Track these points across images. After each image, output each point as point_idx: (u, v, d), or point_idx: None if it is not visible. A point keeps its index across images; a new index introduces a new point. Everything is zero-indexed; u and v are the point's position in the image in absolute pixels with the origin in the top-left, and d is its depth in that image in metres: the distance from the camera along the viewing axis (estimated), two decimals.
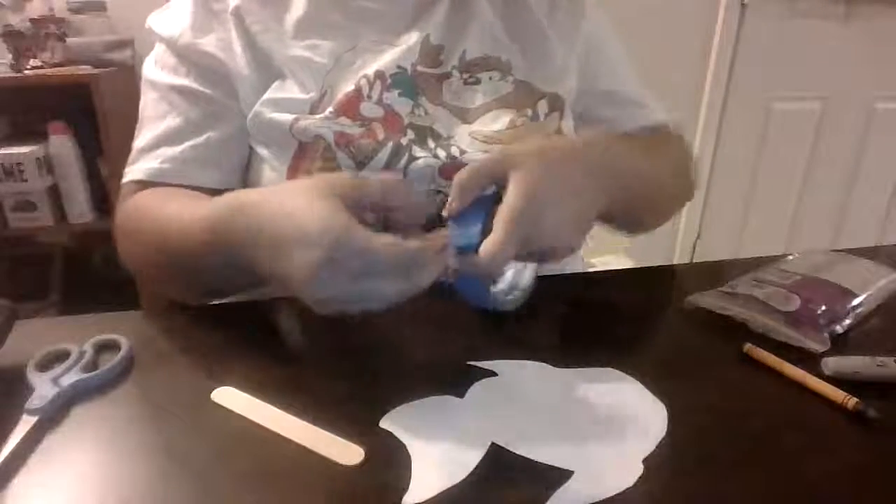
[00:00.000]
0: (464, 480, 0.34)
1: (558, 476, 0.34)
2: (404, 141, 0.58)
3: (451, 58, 0.63)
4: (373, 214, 0.42)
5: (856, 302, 0.52)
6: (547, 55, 0.65)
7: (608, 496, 0.33)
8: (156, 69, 0.62)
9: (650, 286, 0.63)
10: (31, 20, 1.44)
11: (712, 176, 2.09)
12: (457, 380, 0.43)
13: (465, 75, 0.63)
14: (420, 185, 0.58)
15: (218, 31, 0.60)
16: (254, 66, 0.59)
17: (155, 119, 0.61)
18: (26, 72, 1.42)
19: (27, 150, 1.45)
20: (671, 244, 2.14)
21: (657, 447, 0.37)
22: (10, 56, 1.44)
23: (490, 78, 0.63)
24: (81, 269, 1.68)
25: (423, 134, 0.60)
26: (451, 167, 0.58)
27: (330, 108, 0.57)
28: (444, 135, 0.60)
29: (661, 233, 0.75)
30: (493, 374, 0.44)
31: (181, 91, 0.60)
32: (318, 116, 0.57)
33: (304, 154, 0.57)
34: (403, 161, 0.57)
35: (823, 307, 0.51)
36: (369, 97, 0.59)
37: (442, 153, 0.59)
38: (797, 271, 0.57)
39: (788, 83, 2.01)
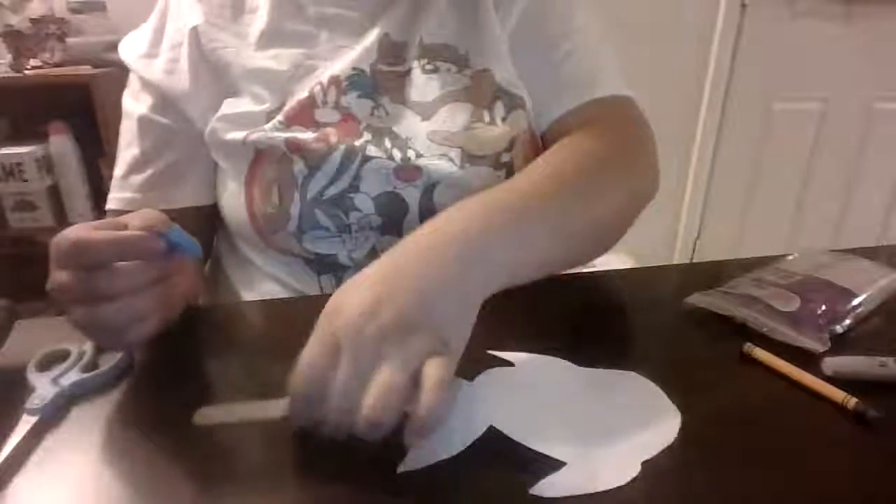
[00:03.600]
0: (457, 458, 0.35)
1: (550, 465, 0.35)
2: (358, 143, 0.58)
3: (411, 50, 0.62)
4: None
5: (856, 302, 0.52)
6: (497, 48, 0.62)
7: (597, 491, 0.33)
8: (126, 97, 0.64)
9: (650, 286, 0.63)
10: (31, 20, 1.45)
11: (712, 176, 2.09)
12: (473, 366, 0.43)
13: (424, 61, 0.61)
14: (376, 187, 0.57)
15: (167, 53, 0.61)
16: (207, 82, 0.60)
17: (123, 149, 0.64)
18: (26, 72, 1.42)
19: (27, 150, 1.46)
20: (671, 244, 2.14)
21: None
22: (10, 56, 1.44)
23: (448, 70, 0.61)
24: None
25: (381, 135, 0.59)
26: (406, 169, 0.58)
27: (280, 118, 0.57)
28: (402, 136, 0.59)
29: (661, 233, 0.74)
30: (511, 364, 0.45)
31: (138, 120, 0.62)
32: (267, 126, 0.57)
33: (261, 162, 0.58)
34: (356, 162, 0.57)
35: (823, 307, 0.51)
36: (324, 103, 0.59)
37: (398, 154, 0.58)
38: (797, 271, 0.57)
39: (788, 83, 2.01)
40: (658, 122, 0.75)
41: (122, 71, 0.65)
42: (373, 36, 0.60)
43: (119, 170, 0.64)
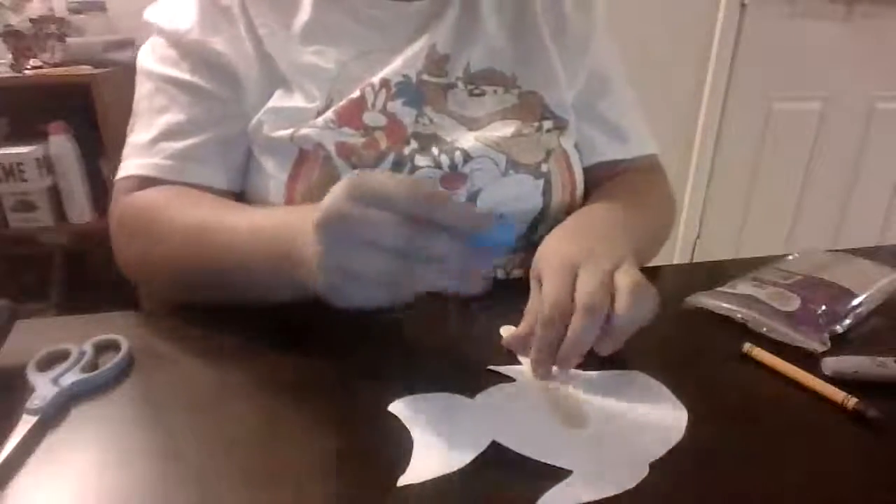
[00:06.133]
0: (461, 471, 0.35)
1: (556, 474, 0.34)
2: (407, 151, 0.58)
3: (455, 68, 0.63)
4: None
5: (856, 302, 0.52)
6: (551, 77, 0.65)
7: (604, 496, 0.33)
8: (153, 60, 0.60)
9: None
10: (31, 20, 1.44)
11: (712, 176, 2.09)
12: (474, 384, 0.43)
13: (471, 86, 0.63)
14: None
15: (227, 30, 0.58)
16: (262, 69, 0.58)
17: (153, 113, 0.59)
18: (26, 72, 1.42)
19: (27, 150, 1.45)
20: (671, 244, 2.14)
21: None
22: (10, 56, 1.44)
23: (495, 91, 0.63)
24: (81, 269, 1.68)
25: (427, 142, 0.59)
26: (452, 177, 0.58)
27: (330, 115, 0.56)
28: (448, 139, 0.60)
29: None
30: (512, 379, 0.44)
31: (184, 86, 0.58)
32: (318, 122, 0.56)
33: (304, 162, 0.57)
34: (405, 172, 0.57)
35: (823, 307, 0.51)
36: (373, 106, 0.58)
37: (445, 159, 0.59)
38: (797, 271, 0.57)
39: (788, 83, 2.01)
40: (658, 122, 0.76)
41: (123, 71, 0.64)
42: (420, 44, 0.61)
43: (146, 134, 0.58)
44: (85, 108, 1.41)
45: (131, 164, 0.58)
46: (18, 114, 1.55)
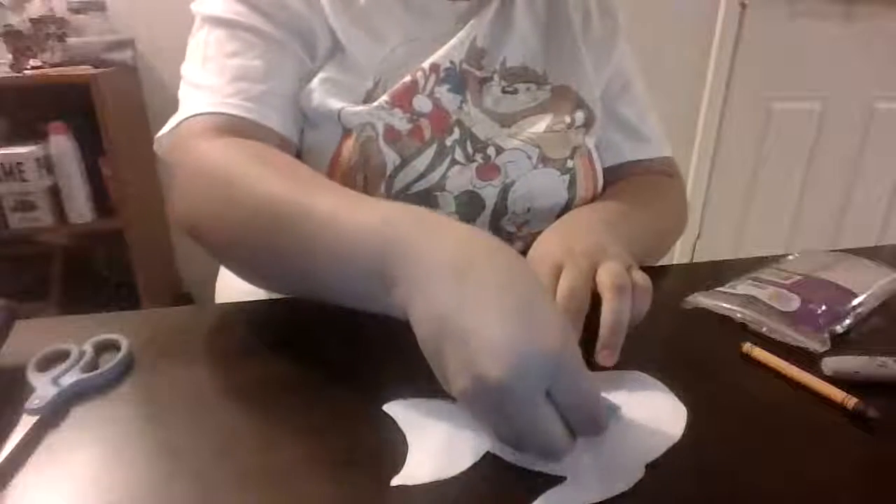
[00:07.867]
0: (454, 477, 0.35)
1: (549, 481, 0.34)
2: (449, 141, 0.59)
3: (492, 63, 0.64)
4: None
5: (856, 302, 0.52)
6: (581, 73, 0.67)
7: (598, 500, 0.33)
8: (222, 10, 0.57)
9: None
10: (31, 20, 1.44)
11: (712, 176, 2.09)
12: None
13: (504, 83, 0.64)
14: (459, 186, 0.59)
15: None
16: (328, 39, 0.58)
17: (226, 56, 0.56)
18: (26, 72, 1.42)
19: (27, 150, 1.46)
20: None
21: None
22: (10, 56, 1.44)
23: (528, 89, 0.65)
24: (81, 269, 1.68)
25: (465, 136, 0.61)
26: (486, 168, 0.60)
27: (385, 98, 0.57)
28: (482, 138, 0.62)
29: None
30: None
31: (262, 35, 0.56)
32: (372, 105, 0.57)
33: (349, 141, 0.57)
34: (445, 164, 0.59)
35: (823, 307, 0.51)
36: (423, 89, 0.60)
37: (479, 156, 0.61)
38: (797, 271, 0.57)
39: (788, 83, 2.01)
40: (659, 122, 0.76)
41: (123, 71, 0.64)
42: (462, 36, 0.62)
43: (218, 77, 0.55)
44: (85, 108, 1.41)
45: (209, 102, 0.54)
46: (18, 114, 1.55)
